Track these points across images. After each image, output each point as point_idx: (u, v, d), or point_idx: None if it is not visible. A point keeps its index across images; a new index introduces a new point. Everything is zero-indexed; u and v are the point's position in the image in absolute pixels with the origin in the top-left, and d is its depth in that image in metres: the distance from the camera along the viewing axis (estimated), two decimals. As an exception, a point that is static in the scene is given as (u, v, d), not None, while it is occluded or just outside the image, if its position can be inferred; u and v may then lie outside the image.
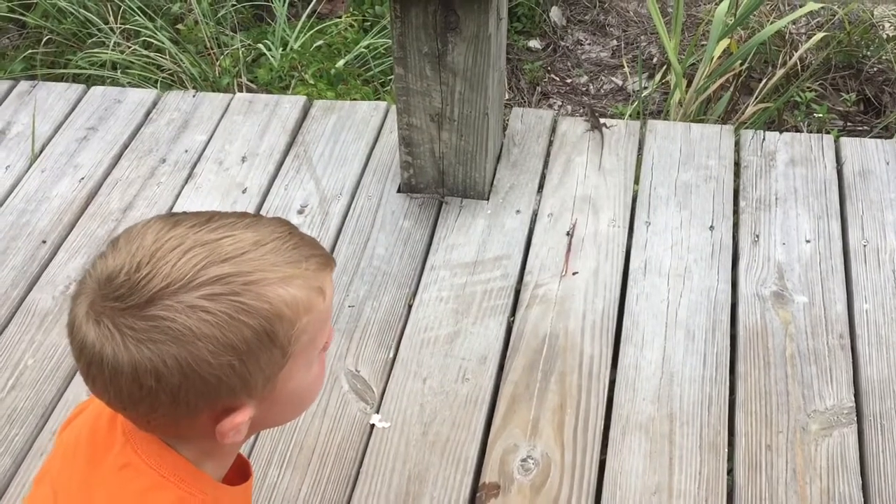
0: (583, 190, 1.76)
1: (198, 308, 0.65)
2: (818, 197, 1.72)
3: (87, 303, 0.68)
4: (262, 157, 1.88)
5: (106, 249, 0.70)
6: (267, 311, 0.67)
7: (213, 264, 0.66)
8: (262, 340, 0.68)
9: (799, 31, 2.54)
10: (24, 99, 2.04)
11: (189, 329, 0.65)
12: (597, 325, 1.52)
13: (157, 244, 0.67)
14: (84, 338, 0.67)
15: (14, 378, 1.49)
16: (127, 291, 0.66)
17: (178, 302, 0.65)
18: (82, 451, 0.78)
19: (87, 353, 0.68)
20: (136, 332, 0.65)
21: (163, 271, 0.66)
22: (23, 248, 1.71)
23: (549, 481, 1.32)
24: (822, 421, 1.37)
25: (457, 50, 1.55)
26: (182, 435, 0.74)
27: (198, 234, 0.68)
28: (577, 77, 2.66)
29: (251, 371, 0.68)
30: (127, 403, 0.69)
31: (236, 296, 0.66)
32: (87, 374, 0.69)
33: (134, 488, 0.74)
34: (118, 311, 0.66)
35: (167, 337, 0.65)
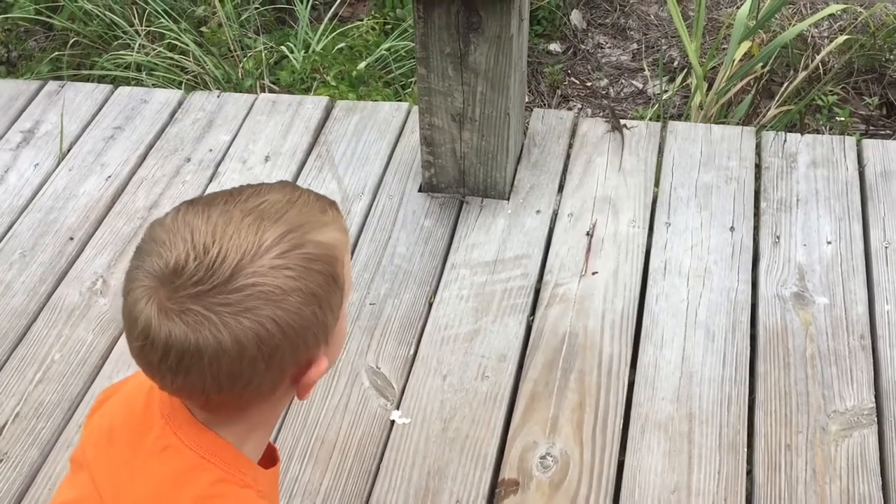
0: (603, 190, 1.76)
1: (278, 267, 0.68)
2: (839, 198, 1.71)
3: (157, 302, 0.68)
4: (285, 157, 1.90)
5: (146, 248, 0.70)
6: (327, 255, 0.72)
7: (269, 227, 0.70)
8: (330, 283, 0.72)
9: (821, 35, 2.53)
10: (53, 98, 2.08)
11: (279, 287, 0.68)
12: (616, 324, 1.52)
13: (210, 225, 0.69)
14: (169, 336, 0.67)
15: (41, 372, 1.52)
16: (206, 274, 0.67)
17: (259, 267, 0.68)
18: (120, 435, 0.79)
19: (177, 350, 0.67)
20: (231, 307, 0.67)
21: (232, 245, 0.68)
22: (51, 245, 1.74)
23: (567, 479, 1.33)
24: (842, 422, 1.37)
25: (479, 50, 1.56)
26: (248, 410, 0.75)
27: (237, 207, 0.72)
28: (597, 80, 2.67)
29: (327, 315, 0.73)
30: (223, 385, 0.69)
31: (301, 248, 0.70)
32: (177, 371, 0.68)
33: (174, 469, 0.75)
34: (203, 294, 0.67)
35: (261, 301, 0.67)
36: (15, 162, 1.93)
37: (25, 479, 1.37)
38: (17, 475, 1.38)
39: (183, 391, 0.72)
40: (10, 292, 1.65)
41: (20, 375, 1.51)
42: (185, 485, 0.76)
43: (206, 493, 0.76)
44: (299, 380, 0.74)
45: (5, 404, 1.47)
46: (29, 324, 1.60)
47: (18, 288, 1.66)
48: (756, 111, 2.34)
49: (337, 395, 1.45)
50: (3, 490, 1.36)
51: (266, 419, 0.80)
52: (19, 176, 1.90)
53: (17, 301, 1.63)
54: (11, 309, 1.62)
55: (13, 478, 1.37)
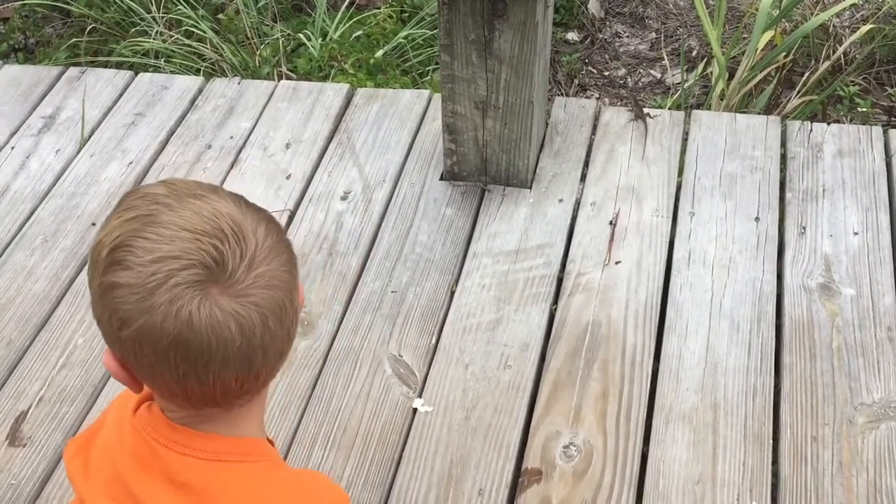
0: (626, 179, 1.75)
1: (272, 232, 0.73)
2: (866, 189, 1.70)
3: (201, 293, 0.67)
4: (305, 144, 1.89)
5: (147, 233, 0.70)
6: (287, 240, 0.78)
7: (237, 212, 0.72)
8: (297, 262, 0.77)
9: (842, 24, 2.51)
10: (74, 84, 2.08)
11: (283, 244, 0.73)
12: (640, 314, 1.52)
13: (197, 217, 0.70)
14: (213, 319, 0.67)
15: (65, 357, 1.52)
16: (236, 262, 0.69)
17: (258, 242, 0.71)
18: (134, 480, 0.76)
19: (225, 337, 0.68)
20: (254, 288, 0.69)
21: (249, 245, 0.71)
22: (73, 231, 1.74)
23: (591, 468, 1.32)
24: (869, 414, 1.36)
25: (503, 37, 1.55)
26: (248, 394, 0.75)
27: (218, 192, 0.74)
28: (615, 70, 2.65)
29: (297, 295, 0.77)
30: (228, 373, 0.70)
31: (274, 222, 0.75)
32: (227, 358, 0.69)
33: (203, 486, 0.75)
34: (238, 280, 0.69)
35: (277, 251, 0.72)
36: (36, 148, 1.94)
37: (49, 464, 1.38)
38: (42, 459, 1.38)
39: (208, 391, 0.71)
40: (32, 278, 1.66)
41: (44, 360, 1.52)
42: (236, 490, 0.75)
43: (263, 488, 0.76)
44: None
45: (29, 389, 1.47)
46: (52, 309, 1.60)
47: (41, 273, 1.66)
48: (777, 101, 2.32)
49: (359, 383, 1.45)
50: (27, 474, 1.37)
51: (262, 401, 0.80)
52: (41, 162, 1.90)
53: (40, 286, 1.64)
54: (34, 294, 1.62)
55: (37, 462, 1.38)
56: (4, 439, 1.41)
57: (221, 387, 0.71)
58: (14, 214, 1.79)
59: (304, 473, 0.90)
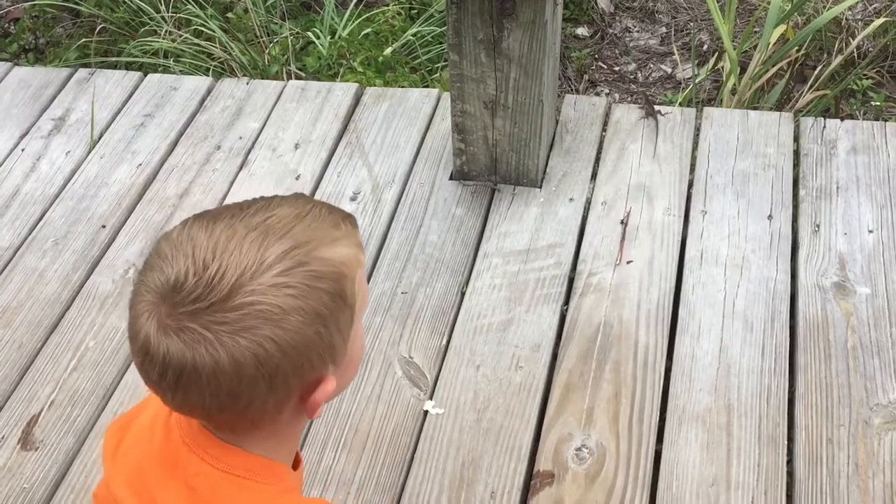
0: (637, 178, 1.74)
1: (279, 285, 0.66)
2: (881, 186, 1.68)
3: (157, 318, 0.66)
4: (314, 144, 1.89)
5: (151, 262, 0.69)
6: (334, 272, 0.70)
7: (273, 243, 0.68)
8: (337, 302, 0.70)
9: (855, 18, 2.48)
10: (83, 86, 2.08)
11: (278, 306, 0.66)
12: (652, 314, 1.50)
13: (212, 240, 0.67)
14: (167, 353, 0.66)
15: (76, 360, 1.52)
16: (204, 291, 0.65)
17: (258, 285, 0.66)
18: (150, 472, 0.77)
19: (174, 367, 0.66)
20: (228, 325, 0.65)
21: (232, 262, 0.66)
22: (83, 233, 1.75)
23: (604, 471, 1.32)
24: (885, 415, 1.34)
25: (512, 36, 1.54)
26: (261, 429, 0.74)
27: (243, 222, 0.69)
28: (625, 65, 2.63)
29: (333, 335, 0.70)
30: (224, 404, 0.68)
31: (305, 265, 0.68)
32: (177, 388, 0.67)
33: (209, 496, 0.75)
34: (201, 311, 0.65)
35: (259, 320, 0.66)
36: (46, 150, 1.94)
37: (62, 467, 1.38)
38: (54, 463, 1.39)
39: (184, 409, 0.71)
40: (43, 280, 1.66)
41: (55, 363, 1.52)
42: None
43: None
44: (307, 399, 0.72)
45: (41, 392, 1.48)
46: (63, 311, 1.60)
47: (52, 276, 1.67)
48: (789, 96, 2.29)
49: (370, 385, 1.44)
50: (39, 477, 1.37)
51: (286, 436, 0.79)
52: (51, 164, 1.90)
53: (51, 289, 1.64)
54: (45, 297, 1.63)
55: (49, 465, 1.38)
56: (16, 443, 1.41)
57: (188, 409, 0.71)
58: (24, 217, 1.79)
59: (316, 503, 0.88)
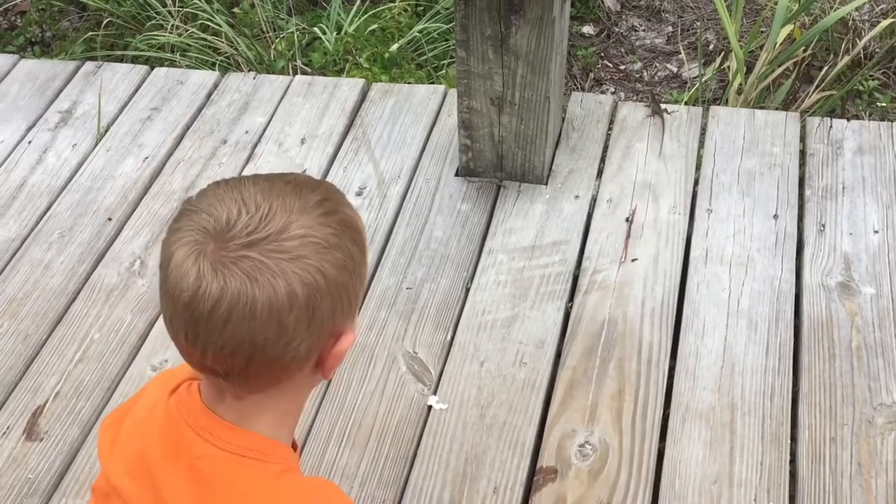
0: (643, 176, 1.74)
1: (323, 224, 0.72)
2: (887, 186, 1.68)
3: (209, 254, 0.69)
4: (321, 139, 1.89)
5: (189, 212, 0.72)
6: (357, 226, 0.76)
7: (308, 193, 0.73)
8: (362, 252, 0.76)
9: (862, 19, 2.48)
10: (90, 79, 2.08)
11: (326, 241, 0.71)
12: (656, 312, 1.51)
13: (257, 188, 0.73)
14: (224, 285, 0.68)
15: (81, 352, 1.53)
16: (260, 225, 0.70)
17: (307, 221, 0.71)
18: (155, 458, 0.78)
19: (230, 299, 0.68)
20: (286, 254, 0.69)
21: (280, 203, 0.71)
22: (89, 225, 1.75)
23: (607, 467, 1.32)
24: (888, 415, 1.35)
25: (520, 33, 1.54)
26: (282, 382, 0.75)
27: (276, 178, 0.75)
28: (630, 64, 2.63)
29: (357, 284, 0.75)
30: (269, 341, 0.70)
31: (337, 213, 0.74)
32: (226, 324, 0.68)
33: (220, 474, 0.75)
34: (258, 242, 0.69)
35: (311, 250, 0.70)
36: (53, 142, 1.94)
37: (66, 458, 1.39)
38: (58, 454, 1.39)
39: (226, 351, 0.70)
40: (49, 272, 1.66)
41: (60, 354, 1.53)
42: (239, 487, 0.75)
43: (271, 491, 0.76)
44: (328, 353, 0.76)
45: (46, 383, 1.48)
46: (68, 303, 1.61)
47: (58, 268, 1.67)
48: (795, 96, 2.29)
49: (374, 380, 1.45)
50: (44, 468, 1.37)
51: (292, 406, 0.80)
52: (57, 156, 1.91)
53: (57, 281, 1.65)
54: (51, 289, 1.63)
55: (54, 456, 1.39)
56: (22, 433, 1.42)
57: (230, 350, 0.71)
58: (31, 209, 1.79)
59: (317, 482, 0.89)
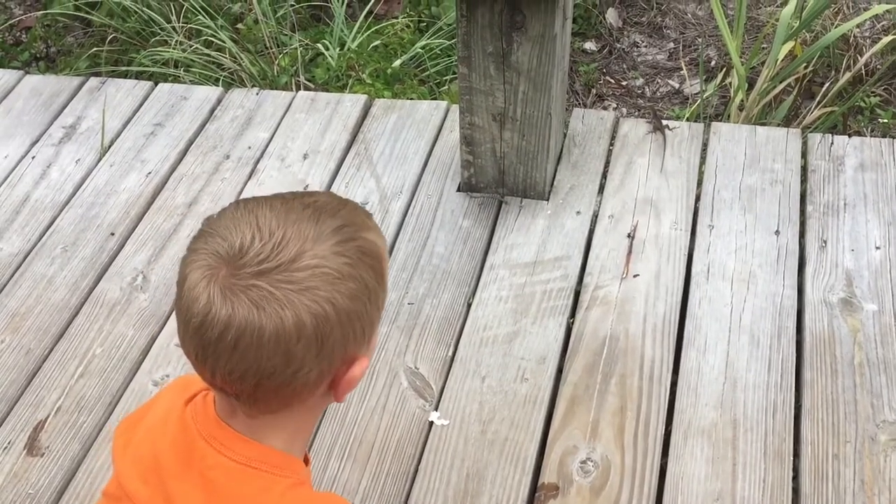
0: (644, 192, 1.74)
1: (338, 253, 0.71)
2: (889, 203, 1.68)
3: (220, 280, 0.69)
4: (323, 155, 1.90)
5: (205, 235, 0.72)
6: (376, 252, 0.75)
7: (326, 219, 0.73)
8: (379, 280, 0.75)
9: (864, 35, 2.49)
10: (94, 95, 2.10)
11: (338, 271, 0.71)
12: (658, 328, 1.50)
13: (274, 213, 0.72)
14: (232, 312, 0.68)
15: (83, 366, 1.53)
16: (272, 253, 0.70)
17: (320, 251, 0.71)
18: (168, 464, 0.78)
19: (237, 327, 0.68)
20: (295, 285, 0.69)
21: (295, 231, 0.71)
22: (92, 240, 1.76)
23: (608, 484, 1.31)
24: (891, 432, 1.34)
25: (522, 49, 1.55)
26: (293, 405, 0.75)
27: (295, 201, 0.74)
28: (632, 79, 2.64)
29: (373, 312, 0.75)
30: (277, 368, 0.70)
31: (355, 241, 0.73)
32: (234, 351, 0.69)
33: (226, 486, 0.76)
34: (268, 271, 0.69)
35: (322, 281, 0.70)
36: (57, 157, 1.95)
37: (67, 473, 1.38)
38: (59, 469, 1.39)
39: (234, 375, 0.71)
40: (52, 287, 1.67)
41: (62, 369, 1.53)
42: (250, 499, 0.76)
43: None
44: (340, 379, 0.75)
45: (47, 398, 1.48)
46: (71, 318, 1.61)
47: (60, 283, 1.67)
48: (797, 112, 2.30)
49: (375, 396, 1.44)
50: (45, 483, 1.37)
51: (305, 424, 0.80)
52: (61, 171, 1.92)
53: (59, 295, 1.65)
54: (53, 303, 1.63)
55: (54, 472, 1.39)
56: (23, 448, 1.41)
57: (238, 375, 0.71)
58: (34, 224, 1.80)
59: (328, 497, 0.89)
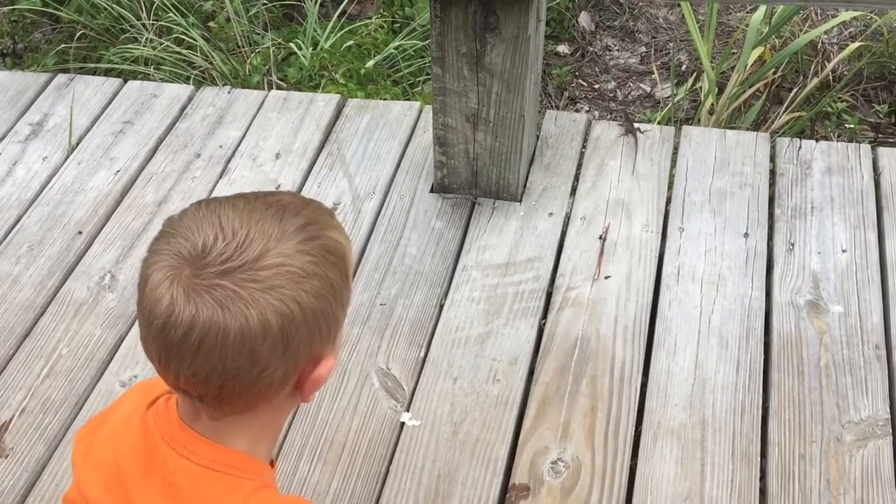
0: (616, 194, 1.75)
1: (302, 252, 0.71)
2: (855, 206, 1.71)
3: (183, 281, 0.68)
4: (295, 155, 1.89)
5: (167, 235, 0.71)
6: (340, 251, 0.75)
7: (290, 218, 0.72)
8: (343, 279, 0.75)
9: (831, 42, 2.53)
10: (62, 91, 2.06)
11: (303, 269, 0.70)
12: (629, 329, 1.51)
13: (237, 212, 0.72)
14: (196, 313, 0.67)
15: (49, 367, 1.50)
16: (235, 253, 0.69)
17: (285, 250, 0.70)
18: (129, 469, 0.77)
19: (202, 327, 0.67)
20: (260, 283, 0.68)
21: (259, 230, 0.71)
22: (59, 239, 1.73)
23: (579, 484, 1.32)
24: (856, 432, 1.36)
25: (495, 51, 1.55)
26: (259, 406, 0.74)
27: (258, 201, 0.74)
28: (604, 83, 2.66)
29: (338, 310, 0.74)
30: (242, 368, 0.69)
31: (319, 239, 0.73)
32: (198, 351, 0.68)
33: (189, 489, 0.75)
34: (232, 271, 0.68)
35: (287, 279, 0.69)
36: (23, 155, 1.92)
37: (31, 475, 1.36)
38: (24, 471, 1.36)
39: (198, 377, 0.70)
40: (17, 286, 1.64)
41: (27, 370, 1.50)
42: (214, 503, 0.75)
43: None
44: (306, 378, 0.75)
45: (12, 399, 1.46)
46: (36, 318, 1.58)
47: (26, 282, 1.65)
48: (766, 117, 2.33)
49: (346, 396, 1.44)
50: (9, 485, 1.35)
51: (270, 425, 0.80)
52: (27, 169, 1.88)
53: (25, 295, 1.62)
54: (19, 303, 1.61)
55: (19, 473, 1.36)
56: (-14, 450, 1.39)
57: (203, 376, 0.70)
58: (-1, 222, 1.77)
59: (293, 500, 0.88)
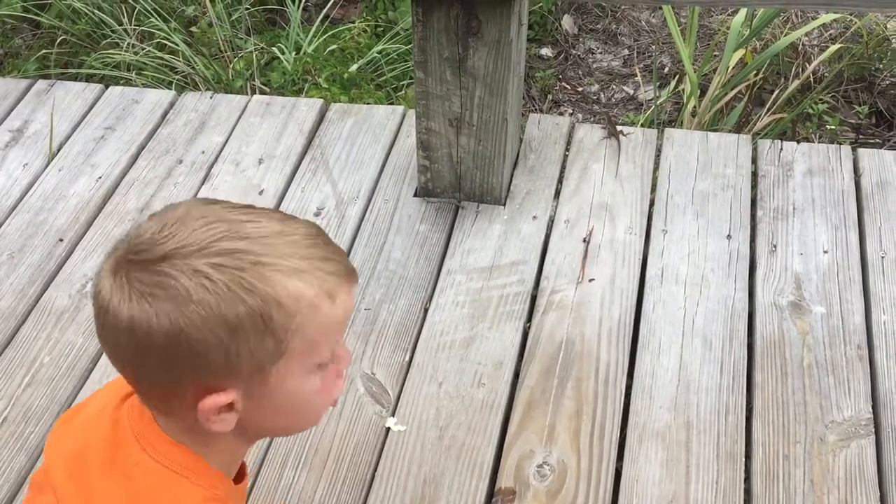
0: (599, 197, 1.76)
1: (201, 273, 0.67)
2: (836, 207, 1.72)
3: (113, 260, 0.71)
4: (278, 160, 1.88)
5: (138, 222, 0.75)
6: (266, 293, 0.68)
7: (229, 239, 0.69)
8: (256, 322, 0.68)
9: (811, 43, 2.55)
10: (42, 98, 2.05)
11: (186, 290, 0.67)
12: (613, 332, 1.52)
13: (187, 214, 0.71)
14: (100, 288, 0.71)
15: (30, 376, 1.49)
16: (146, 247, 0.69)
17: (185, 264, 0.68)
18: (93, 457, 0.78)
19: (99, 302, 0.71)
20: (141, 286, 0.68)
21: (181, 234, 0.69)
22: (40, 247, 1.71)
23: (564, 488, 1.32)
24: (839, 432, 1.37)
25: (478, 55, 1.55)
26: (174, 413, 0.75)
27: (227, 213, 0.71)
28: (588, 86, 2.67)
29: (239, 351, 0.69)
30: (124, 360, 0.72)
31: (240, 271, 0.68)
32: (98, 325, 0.72)
33: (144, 484, 0.75)
34: (133, 263, 0.69)
35: (166, 294, 0.67)
36: (3, 162, 1.90)
37: (13, 486, 1.35)
38: (5, 481, 1.35)
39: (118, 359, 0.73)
40: (-3, 294, 1.62)
41: (8, 379, 1.48)
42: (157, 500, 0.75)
43: None
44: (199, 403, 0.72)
45: (-8, 409, 1.44)
46: (17, 326, 1.57)
47: (6, 290, 1.63)
48: (747, 119, 2.34)
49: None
50: (-11, 497, 1.33)
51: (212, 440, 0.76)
52: (8, 176, 1.87)
53: (5, 303, 1.60)
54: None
55: (0, 483, 1.35)
56: (-34, 461, 1.37)
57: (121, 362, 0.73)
58: (-21, 229, 1.75)
59: None
